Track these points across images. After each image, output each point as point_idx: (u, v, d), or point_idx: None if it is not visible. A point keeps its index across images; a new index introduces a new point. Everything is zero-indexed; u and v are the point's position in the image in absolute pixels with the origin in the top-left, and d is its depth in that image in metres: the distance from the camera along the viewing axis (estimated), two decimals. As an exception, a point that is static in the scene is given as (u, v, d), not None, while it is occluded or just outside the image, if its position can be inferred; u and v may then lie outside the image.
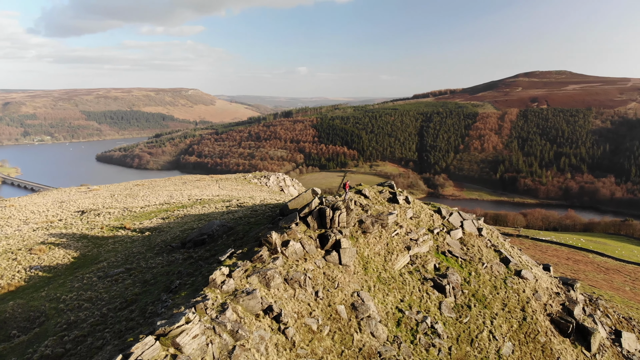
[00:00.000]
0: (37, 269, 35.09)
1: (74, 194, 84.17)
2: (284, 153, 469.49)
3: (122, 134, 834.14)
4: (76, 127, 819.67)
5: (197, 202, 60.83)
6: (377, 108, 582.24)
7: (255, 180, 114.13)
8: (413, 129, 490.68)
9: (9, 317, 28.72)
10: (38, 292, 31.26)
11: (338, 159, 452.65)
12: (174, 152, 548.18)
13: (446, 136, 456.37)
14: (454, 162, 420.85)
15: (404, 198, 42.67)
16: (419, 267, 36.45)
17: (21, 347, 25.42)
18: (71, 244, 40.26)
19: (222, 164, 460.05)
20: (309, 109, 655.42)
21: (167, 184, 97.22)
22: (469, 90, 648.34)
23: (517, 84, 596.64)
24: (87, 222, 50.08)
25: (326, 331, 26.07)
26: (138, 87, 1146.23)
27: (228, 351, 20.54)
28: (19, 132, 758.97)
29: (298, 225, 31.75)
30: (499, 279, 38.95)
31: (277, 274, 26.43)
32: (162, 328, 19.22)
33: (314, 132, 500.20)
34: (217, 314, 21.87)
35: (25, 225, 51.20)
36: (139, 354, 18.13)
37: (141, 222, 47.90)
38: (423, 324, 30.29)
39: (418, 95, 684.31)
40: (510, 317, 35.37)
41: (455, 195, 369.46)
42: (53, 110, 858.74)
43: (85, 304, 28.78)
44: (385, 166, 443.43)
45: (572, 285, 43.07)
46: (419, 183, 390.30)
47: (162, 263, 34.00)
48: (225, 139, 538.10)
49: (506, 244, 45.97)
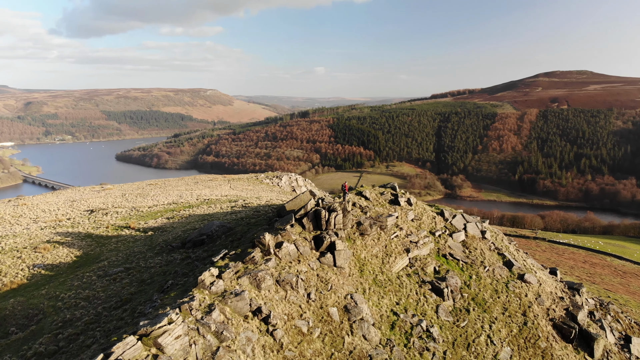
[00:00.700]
0: (40, 267, 35.75)
1: (87, 193, 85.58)
2: (300, 153, 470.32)
3: (142, 134, 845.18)
4: (96, 126, 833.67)
5: (204, 202, 61.31)
6: (395, 108, 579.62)
7: (267, 181, 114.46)
8: (431, 129, 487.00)
9: (8, 314, 29.31)
10: (39, 290, 31.84)
11: (354, 159, 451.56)
12: (192, 151, 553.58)
13: (464, 136, 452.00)
14: (472, 163, 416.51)
15: (405, 200, 42.39)
16: (418, 269, 36.16)
17: (17, 344, 25.93)
18: (75, 243, 40.94)
19: (239, 164, 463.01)
20: (326, 109, 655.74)
21: (180, 183, 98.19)
22: (488, 90, 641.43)
23: (537, 84, 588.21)
24: (94, 222, 50.88)
25: (317, 333, 26.01)
26: (157, 88, 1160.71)
27: (212, 352, 20.62)
28: (40, 131, 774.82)
29: (293, 226, 31.75)
30: (500, 283, 38.43)
31: (268, 276, 26.47)
32: (144, 328, 19.39)
33: (330, 132, 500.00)
34: (202, 315, 21.99)
35: (34, 223, 52.26)
36: (120, 354, 18.29)
37: (146, 222, 48.48)
38: (418, 328, 30.03)
39: (436, 95, 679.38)
40: (510, 321, 34.86)
41: (473, 197, 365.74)
42: (74, 110, 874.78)
43: (82, 303, 29.23)
44: (402, 167, 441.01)
45: (577, 290, 42.29)
46: (436, 184, 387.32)
47: (160, 263, 34.34)
48: (242, 139, 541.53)
49: (511, 247, 45.34)
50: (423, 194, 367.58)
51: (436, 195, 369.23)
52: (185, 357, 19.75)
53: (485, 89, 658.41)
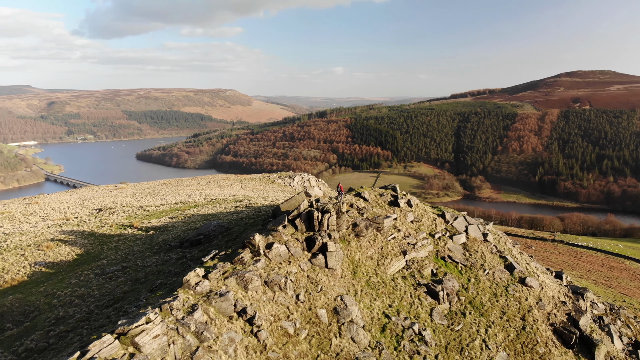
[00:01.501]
0: (42, 264, 36.43)
1: (100, 192, 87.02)
2: (317, 153, 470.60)
3: (162, 134, 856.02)
4: (118, 126, 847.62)
5: (211, 202, 61.78)
6: (413, 108, 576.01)
7: (279, 181, 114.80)
8: (450, 129, 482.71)
9: (6, 310, 29.91)
10: (37, 288, 32.44)
11: (371, 160, 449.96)
12: (211, 151, 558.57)
13: (484, 137, 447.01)
14: (491, 164, 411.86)
15: (405, 201, 42.05)
16: (415, 272, 35.82)
17: (10, 339, 26.44)
18: (78, 241, 41.64)
19: (256, 164, 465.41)
20: (344, 109, 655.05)
21: (192, 183, 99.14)
22: (509, 90, 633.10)
23: (559, 84, 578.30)
24: (100, 220, 51.68)
25: (304, 335, 25.96)
26: (178, 88, 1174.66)
27: (191, 352, 20.74)
28: (63, 130, 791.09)
29: (286, 227, 31.76)
30: (500, 286, 37.84)
31: (256, 276, 26.52)
32: (121, 327, 19.60)
33: (347, 133, 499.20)
34: (184, 314, 22.14)
35: (42, 221, 53.35)
36: (96, 352, 18.52)
37: (150, 221, 49.06)
38: (409, 331, 29.75)
39: (456, 95, 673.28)
40: (508, 325, 34.30)
41: (492, 198, 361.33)
42: (96, 109, 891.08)
43: (76, 300, 29.68)
44: (420, 167, 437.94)
45: (581, 295, 41.40)
46: (454, 185, 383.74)
47: (156, 262, 34.70)
48: (260, 139, 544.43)
49: (514, 250, 44.60)
50: (441, 195, 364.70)
51: (455, 196, 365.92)
52: (163, 357, 19.92)
53: (505, 88, 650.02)
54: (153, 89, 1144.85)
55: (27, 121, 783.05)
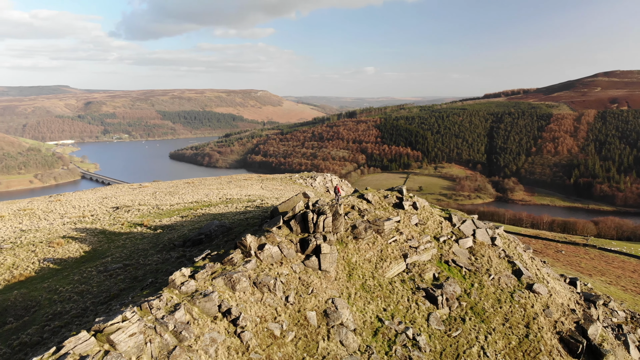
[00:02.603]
0: (50, 261, 37.52)
1: (124, 190, 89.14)
2: (345, 153, 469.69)
3: (195, 134, 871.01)
4: (152, 126, 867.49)
5: (225, 202, 62.40)
6: (445, 108, 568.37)
7: (300, 181, 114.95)
8: (482, 129, 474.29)
9: (10, 305, 30.94)
10: (42, 283, 33.43)
11: (401, 160, 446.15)
12: (242, 151, 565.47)
13: (517, 138, 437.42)
14: (525, 166, 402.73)
15: (411, 204, 41.40)
16: (415, 276, 35.22)
17: (8, 333, 27.31)
18: (87, 239, 42.72)
19: (285, 164, 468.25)
20: (373, 109, 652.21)
21: (213, 182, 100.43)
22: (544, 90, 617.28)
23: (596, 84, 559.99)
24: (113, 218, 52.92)
25: (290, 337, 25.85)
26: (211, 89, 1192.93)
27: (168, 351, 20.94)
28: (99, 130, 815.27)
29: (281, 228, 31.73)
30: (505, 292, 36.81)
31: (244, 277, 26.58)
32: (97, 324, 19.96)
33: (376, 133, 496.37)
34: (165, 314, 22.36)
35: (60, 219, 55.01)
36: (71, 348, 18.92)
37: (160, 220, 49.90)
38: (402, 335, 29.24)
39: (489, 94, 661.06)
40: (510, 333, 33.32)
41: (525, 201, 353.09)
42: (131, 110, 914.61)
43: (74, 297, 30.43)
44: (451, 168, 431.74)
45: (594, 302, 39.87)
46: (487, 187, 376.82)
47: (157, 261, 35.24)
48: (289, 139, 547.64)
49: (524, 255, 43.28)
50: (473, 197, 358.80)
51: (486, 198, 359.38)
52: (139, 355, 20.17)
53: (540, 88, 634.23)
54: (187, 90, 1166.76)
55: (65, 120, 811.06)
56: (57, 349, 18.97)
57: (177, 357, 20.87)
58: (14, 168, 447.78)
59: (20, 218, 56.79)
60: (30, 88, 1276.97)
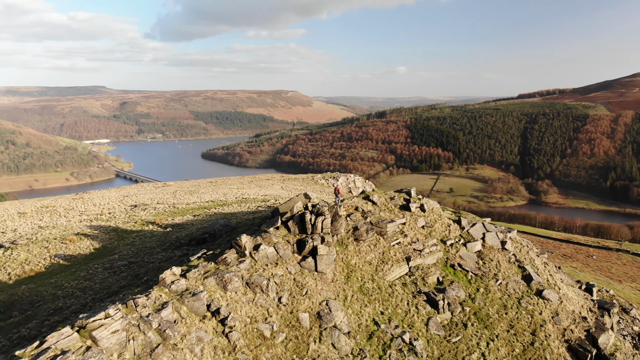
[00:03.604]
0: (61, 257, 38.56)
1: (148, 189, 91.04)
2: (374, 154, 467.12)
3: (226, 134, 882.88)
4: (185, 126, 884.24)
5: (239, 201, 62.94)
6: (478, 108, 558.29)
7: (322, 181, 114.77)
8: (516, 130, 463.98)
9: (17, 299, 31.90)
10: (49, 279, 34.36)
11: (431, 161, 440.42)
12: (271, 151, 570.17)
13: (552, 139, 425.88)
14: (559, 168, 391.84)
15: (418, 206, 40.71)
16: (418, 279, 34.62)
17: (10, 327, 28.13)
18: (99, 236, 43.73)
19: (314, 164, 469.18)
20: (404, 109, 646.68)
21: (235, 182, 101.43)
22: (580, 90, 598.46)
23: (635, 84, 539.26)
24: (129, 216, 54.04)
25: (281, 338, 25.78)
26: (242, 89, 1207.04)
27: (151, 349, 21.15)
28: (134, 129, 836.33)
29: (278, 229, 31.70)
30: (512, 298, 35.78)
31: (236, 277, 26.65)
32: (80, 321, 20.36)
33: (406, 133, 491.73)
34: (151, 312, 22.61)
35: (79, 216, 56.55)
36: (53, 343, 19.34)
37: (173, 219, 50.65)
38: (398, 340, 28.76)
39: (523, 95, 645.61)
40: (514, 340, 32.35)
41: (559, 204, 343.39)
42: (165, 110, 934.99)
43: (77, 293, 31.13)
44: (483, 170, 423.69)
45: (608, 310, 38.31)
46: (519, 189, 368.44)
47: (161, 259, 35.75)
48: (318, 139, 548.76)
49: (537, 260, 41.94)
50: (505, 199, 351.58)
51: (519, 201, 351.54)
52: (121, 352, 20.45)
53: (577, 88, 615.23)
54: (219, 91, 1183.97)
55: (100, 120, 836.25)
56: (40, 343, 19.43)
57: (160, 355, 21.07)
58: (51, 166, 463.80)
59: (41, 215, 58.74)
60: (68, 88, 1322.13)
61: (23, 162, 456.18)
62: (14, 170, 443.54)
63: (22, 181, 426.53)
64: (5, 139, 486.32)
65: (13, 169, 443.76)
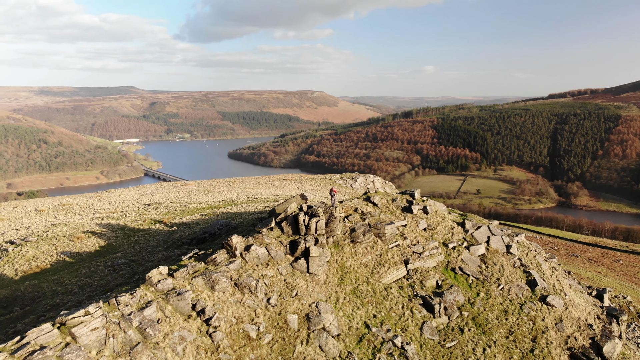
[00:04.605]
0: (67, 254, 39.46)
1: (166, 188, 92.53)
2: (399, 154, 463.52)
3: (253, 134, 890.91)
4: (212, 126, 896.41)
5: (251, 201, 63.28)
6: (507, 108, 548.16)
7: (340, 182, 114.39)
8: (545, 131, 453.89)
9: (19, 295, 32.79)
10: (53, 275, 35.19)
11: (458, 162, 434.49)
12: (296, 151, 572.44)
13: (583, 140, 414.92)
14: (590, 169, 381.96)
15: (420, 208, 40.11)
16: (415, 282, 34.10)
17: (9, 321, 28.90)
18: (106, 234, 44.59)
19: (338, 164, 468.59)
20: (431, 108, 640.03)
21: (251, 182, 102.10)
22: (613, 90, 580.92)
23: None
24: (139, 215, 54.93)
25: (267, 339, 25.74)
26: (269, 90, 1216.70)
27: (131, 347, 21.39)
28: (163, 129, 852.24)
29: (272, 230, 31.69)
30: (514, 303, 34.90)
31: (224, 278, 26.73)
32: (60, 317, 20.72)
33: (433, 133, 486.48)
34: (134, 310, 22.86)
35: (92, 214, 57.83)
36: (33, 338, 19.77)
37: (181, 218, 51.24)
38: (389, 343, 28.36)
39: (554, 95, 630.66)
40: (513, 346, 31.54)
41: (589, 206, 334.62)
42: (193, 110, 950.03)
43: (75, 289, 31.80)
44: (512, 171, 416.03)
45: (616, 318, 36.94)
46: (548, 191, 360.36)
47: (161, 258, 36.19)
48: (343, 139, 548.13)
49: (545, 264, 40.76)
50: (533, 201, 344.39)
51: (548, 203, 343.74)
52: (100, 349, 20.73)
53: (609, 88, 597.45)
54: (246, 91, 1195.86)
55: (130, 120, 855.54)
56: (21, 338, 19.87)
57: (139, 353, 21.28)
58: (81, 165, 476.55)
59: (57, 212, 60.31)
60: (99, 89, 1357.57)
61: (55, 161, 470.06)
62: (46, 168, 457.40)
63: (54, 179, 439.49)
64: (37, 138, 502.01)
65: (45, 167, 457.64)
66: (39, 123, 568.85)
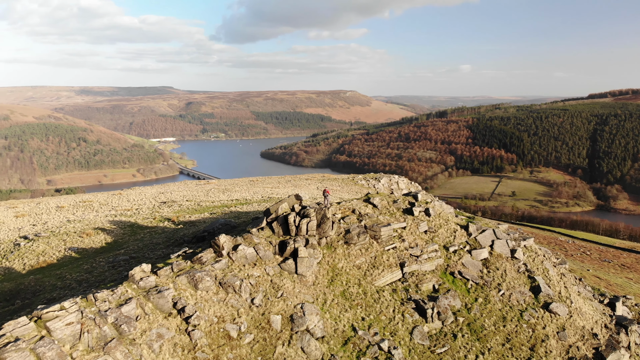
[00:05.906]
0: (74, 250, 40.61)
1: (189, 186, 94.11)
2: (432, 154, 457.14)
3: (285, 133, 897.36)
4: (246, 126, 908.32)
5: (263, 200, 63.65)
6: (544, 108, 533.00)
7: (363, 182, 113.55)
8: (584, 132, 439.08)
9: (22, 288, 33.92)
10: (56, 270, 36.27)
11: (493, 163, 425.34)
12: (327, 151, 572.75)
13: (623, 142, 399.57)
14: (630, 172, 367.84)
15: (422, 210, 39.39)
16: (410, 286, 33.49)
17: (7, 314, 29.84)
18: (115, 231, 45.66)
19: (369, 164, 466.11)
20: (467, 108, 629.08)
21: (272, 181, 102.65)
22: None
23: None
24: (151, 213, 56.03)
25: (248, 339, 25.76)
26: (301, 90, 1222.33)
27: (105, 342, 21.78)
28: (198, 129, 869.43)
29: (263, 230, 31.73)
30: (514, 310, 33.81)
31: (208, 277, 26.91)
32: (36, 312, 21.32)
33: (468, 133, 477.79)
34: (113, 306, 23.28)
35: (109, 211, 59.35)
36: (10, 330, 20.39)
37: (190, 216, 51.99)
38: (375, 347, 27.92)
39: (594, 95, 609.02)
40: (509, 354, 30.55)
41: (629, 210, 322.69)
42: (228, 110, 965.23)
43: (73, 284, 32.65)
44: (549, 173, 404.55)
45: (626, 327, 35.27)
46: (587, 194, 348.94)
47: (160, 255, 36.77)
48: (374, 139, 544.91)
49: (552, 270, 39.31)
50: (571, 204, 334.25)
51: (586, 206, 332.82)
52: (74, 343, 21.19)
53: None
54: (279, 91, 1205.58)
55: (167, 119, 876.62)
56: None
57: (113, 348, 21.65)
58: (119, 162, 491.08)
59: (76, 209, 62.23)
60: (137, 89, 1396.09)
61: (93, 159, 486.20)
62: (85, 166, 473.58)
63: (92, 176, 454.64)
64: (77, 136, 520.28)
65: (84, 164, 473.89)
66: (78, 122, 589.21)
